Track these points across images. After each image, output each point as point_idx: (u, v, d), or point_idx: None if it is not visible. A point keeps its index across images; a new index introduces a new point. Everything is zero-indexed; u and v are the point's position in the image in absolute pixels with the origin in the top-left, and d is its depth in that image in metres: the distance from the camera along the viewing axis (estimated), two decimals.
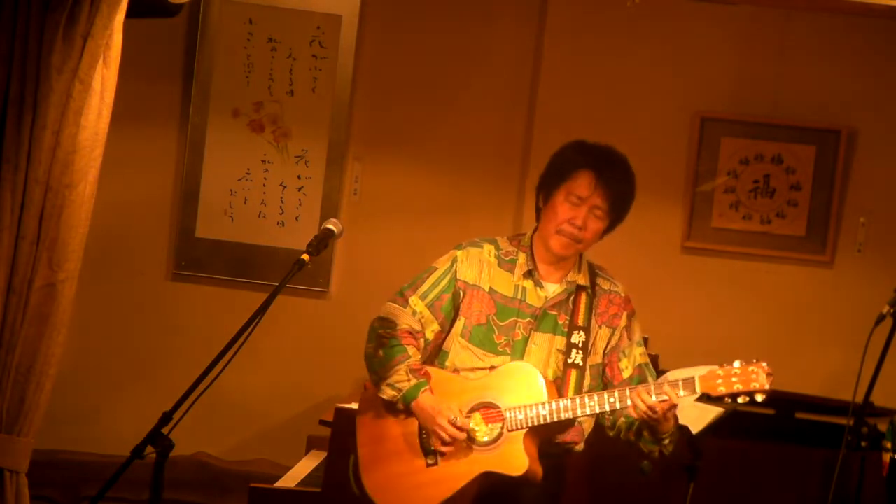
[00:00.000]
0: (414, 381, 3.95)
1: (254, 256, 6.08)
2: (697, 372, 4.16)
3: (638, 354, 4.09)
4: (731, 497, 4.98)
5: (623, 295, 4.12)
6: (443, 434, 3.88)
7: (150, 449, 3.63)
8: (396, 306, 4.05)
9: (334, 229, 4.01)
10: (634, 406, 3.84)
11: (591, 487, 4.92)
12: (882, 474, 4.74)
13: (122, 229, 6.00)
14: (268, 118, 6.07)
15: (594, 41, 6.03)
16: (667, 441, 3.95)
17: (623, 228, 6.01)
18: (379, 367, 4.01)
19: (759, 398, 3.84)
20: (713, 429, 4.54)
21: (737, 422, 4.78)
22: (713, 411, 4.55)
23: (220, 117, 6.05)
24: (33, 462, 4.13)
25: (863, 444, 4.65)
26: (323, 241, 3.96)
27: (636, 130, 6.01)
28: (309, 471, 5.08)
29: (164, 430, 3.65)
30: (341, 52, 6.05)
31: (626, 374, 4.06)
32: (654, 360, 4.91)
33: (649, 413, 3.83)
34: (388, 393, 3.97)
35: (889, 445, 4.73)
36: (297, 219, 6.08)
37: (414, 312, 4.02)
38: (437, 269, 4.06)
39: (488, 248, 4.06)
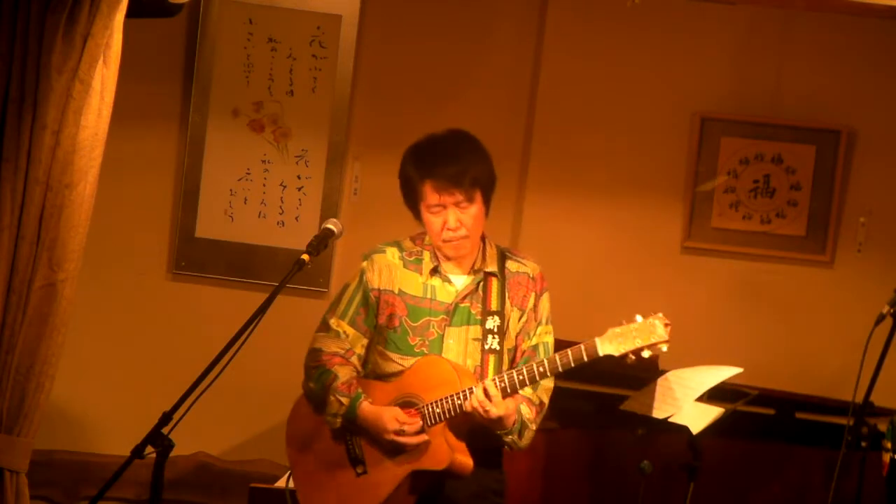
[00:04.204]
0: (346, 401, 3.95)
1: (254, 256, 6.08)
2: (688, 370, 4.16)
3: (539, 333, 4.07)
4: (731, 497, 4.99)
5: (532, 274, 4.09)
6: (404, 446, 3.90)
7: (150, 449, 3.64)
8: (320, 334, 4.09)
9: (334, 229, 4.02)
10: (469, 405, 3.85)
11: (591, 487, 4.93)
12: (882, 474, 4.74)
13: (122, 229, 6.00)
14: (268, 118, 6.07)
15: (594, 41, 6.02)
16: (509, 439, 3.95)
17: (623, 228, 6.05)
18: (315, 401, 4.04)
19: (664, 348, 3.79)
20: (713, 429, 4.55)
21: (737, 422, 4.78)
22: (713, 411, 4.55)
23: (220, 117, 6.05)
24: (33, 462, 4.13)
25: (863, 444, 4.64)
26: (323, 241, 3.97)
27: (636, 130, 6.01)
28: None
29: (164, 430, 3.66)
30: (341, 52, 6.05)
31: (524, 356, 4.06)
32: (653, 359, 4.93)
33: (479, 410, 3.83)
34: (332, 423, 3.99)
35: (889, 445, 4.73)
36: (297, 219, 6.08)
37: (337, 334, 4.05)
38: (349, 285, 4.09)
39: (391, 251, 4.09)
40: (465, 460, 3.90)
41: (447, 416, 3.89)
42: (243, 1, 6.04)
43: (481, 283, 4.03)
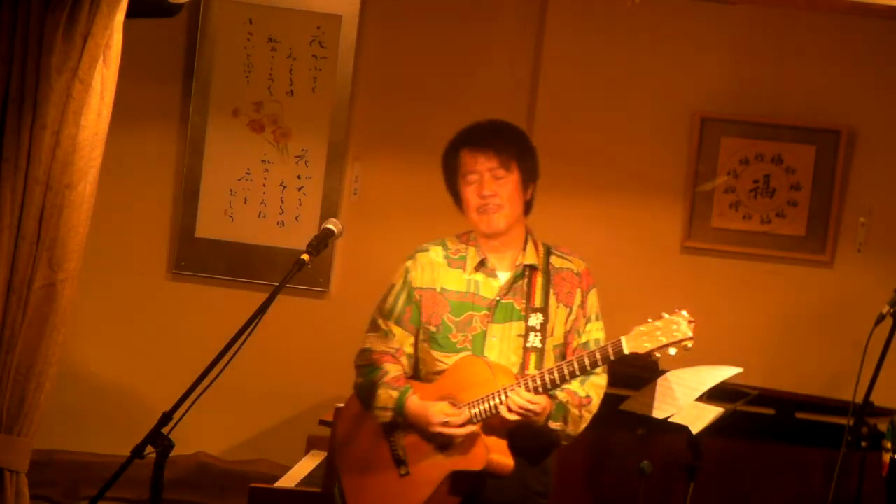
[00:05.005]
0: (395, 394, 3.98)
1: (254, 256, 6.08)
2: (688, 369, 4.16)
3: (588, 330, 4.08)
4: (731, 497, 4.98)
5: (577, 270, 4.10)
6: (452, 439, 3.91)
7: (150, 449, 3.63)
8: (370, 334, 4.12)
9: (334, 229, 4.01)
10: (507, 406, 3.84)
11: (591, 487, 4.93)
12: (882, 474, 4.74)
13: (122, 229, 6.00)
14: (268, 118, 6.07)
15: (594, 41, 6.02)
16: (555, 425, 3.95)
17: (623, 228, 6.05)
18: (364, 396, 4.07)
19: (689, 345, 3.81)
20: (713, 429, 4.55)
21: (737, 422, 4.78)
22: (713, 411, 4.55)
23: (220, 117, 6.05)
24: (33, 462, 4.13)
25: (863, 444, 4.65)
26: (323, 241, 3.97)
27: (636, 130, 6.01)
28: (309, 471, 5.09)
29: (164, 430, 3.65)
30: (341, 52, 6.05)
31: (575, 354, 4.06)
32: (653, 359, 4.93)
33: (522, 412, 3.84)
34: (381, 416, 4.02)
35: (889, 445, 4.73)
36: (297, 219, 6.08)
37: (386, 334, 4.08)
38: (394, 285, 4.12)
39: (435, 250, 4.12)
40: (504, 460, 3.89)
41: (483, 416, 3.88)
42: (243, 1, 6.04)
43: (526, 279, 4.04)
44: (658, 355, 3.83)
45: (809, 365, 5.86)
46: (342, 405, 4.82)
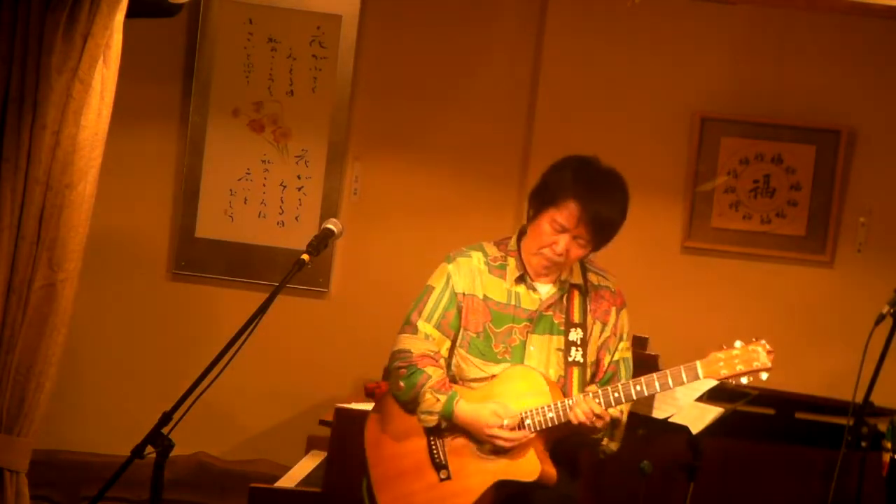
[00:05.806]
0: (443, 399, 3.93)
1: (254, 256, 6.08)
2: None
3: (620, 349, 4.07)
4: (731, 497, 4.98)
5: (612, 289, 4.10)
6: (504, 443, 3.88)
7: (150, 449, 3.64)
8: (406, 336, 4.02)
9: (334, 229, 4.01)
10: (576, 416, 3.83)
11: (591, 487, 4.92)
12: (882, 474, 4.74)
13: (122, 229, 6.00)
14: (268, 118, 6.07)
15: (594, 41, 6.03)
16: (606, 440, 3.96)
17: (623, 228, 6.03)
18: (406, 399, 3.99)
19: (764, 376, 3.81)
20: (713, 429, 4.54)
21: (737, 422, 4.78)
22: (713, 411, 4.55)
23: (220, 117, 6.05)
24: (33, 462, 4.13)
25: (863, 444, 4.64)
26: (323, 241, 3.97)
27: (636, 130, 6.01)
28: (309, 471, 5.09)
29: (164, 430, 3.65)
30: (341, 52, 6.05)
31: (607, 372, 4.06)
32: (653, 360, 4.93)
33: (588, 422, 3.83)
34: (426, 420, 3.95)
35: (889, 445, 4.73)
36: (297, 219, 6.08)
37: (426, 336, 4.00)
38: (434, 287, 4.04)
39: (477, 256, 4.05)
40: (552, 471, 3.89)
41: (538, 427, 3.87)
42: (243, 1, 6.04)
43: (566, 294, 4.02)
44: (733, 382, 3.82)
45: (809, 365, 5.86)
46: (342, 405, 4.83)
